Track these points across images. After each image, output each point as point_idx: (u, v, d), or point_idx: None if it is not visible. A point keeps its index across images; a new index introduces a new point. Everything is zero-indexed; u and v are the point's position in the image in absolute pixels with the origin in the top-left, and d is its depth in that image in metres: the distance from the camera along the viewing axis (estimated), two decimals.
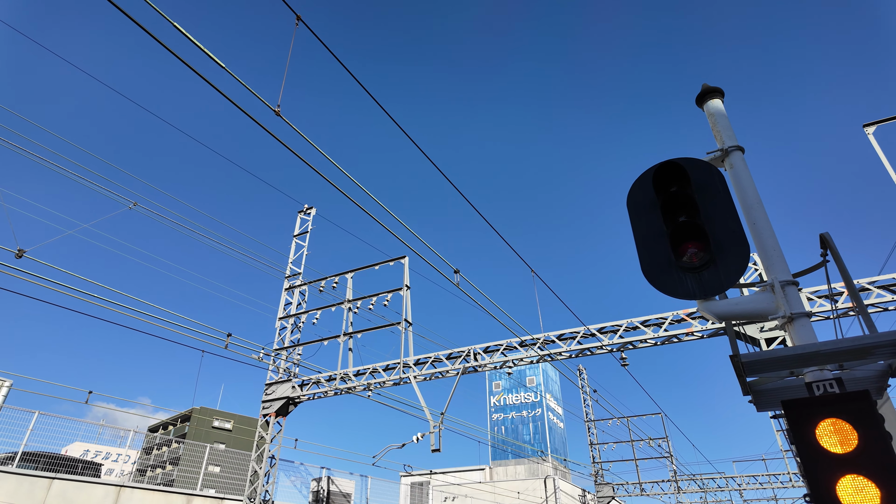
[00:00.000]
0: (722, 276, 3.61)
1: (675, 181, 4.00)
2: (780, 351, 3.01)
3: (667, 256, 3.79)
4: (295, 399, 17.48)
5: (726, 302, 3.62)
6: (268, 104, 4.21)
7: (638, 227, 4.04)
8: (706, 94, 4.50)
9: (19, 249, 7.18)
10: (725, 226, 3.72)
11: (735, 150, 4.12)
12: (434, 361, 16.02)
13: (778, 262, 3.58)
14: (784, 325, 3.41)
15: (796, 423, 2.14)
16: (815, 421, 2.14)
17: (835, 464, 2.00)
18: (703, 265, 3.69)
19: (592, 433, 36.11)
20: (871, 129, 12.97)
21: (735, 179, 4.03)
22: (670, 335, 13.36)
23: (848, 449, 2.00)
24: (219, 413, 64.30)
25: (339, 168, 4.82)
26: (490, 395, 65.66)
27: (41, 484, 13.36)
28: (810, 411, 2.18)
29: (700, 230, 3.70)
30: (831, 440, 2.05)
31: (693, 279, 3.69)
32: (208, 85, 4.37)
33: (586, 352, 14.23)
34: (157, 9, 3.49)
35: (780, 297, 3.43)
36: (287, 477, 20.28)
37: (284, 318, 18.83)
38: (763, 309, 3.48)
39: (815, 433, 2.09)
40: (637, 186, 4.18)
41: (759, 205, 3.86)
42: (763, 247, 3.69)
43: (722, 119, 4.33)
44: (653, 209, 4.01)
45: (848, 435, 2.03)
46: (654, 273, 3.82)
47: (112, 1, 3.38)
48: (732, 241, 3.65)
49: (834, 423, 2.09)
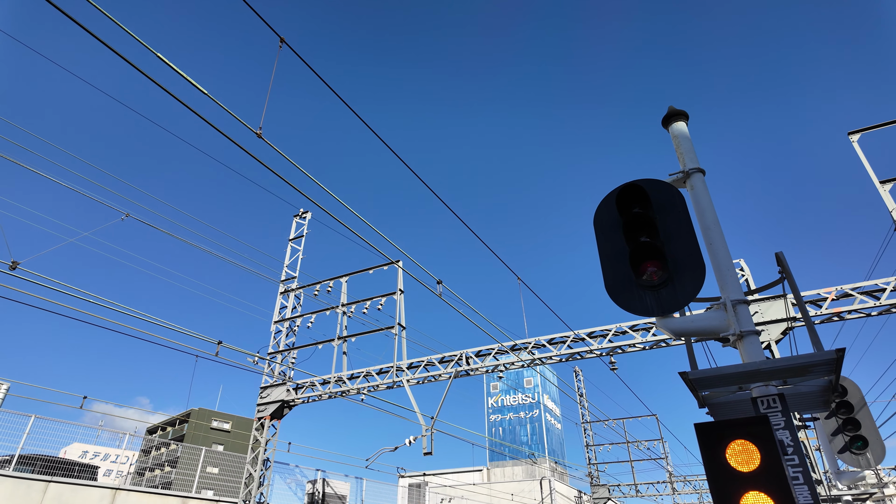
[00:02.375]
0: (679, 294, 3.79)
1: (637, 202, 4.19)
2: (725, 369, 3.20)
3: (627, 274, 3.98)
4: (290, 402, 17.65)
5: (682, 319, 3.80)
6: (249, 127, 4.37)
7: (603, 245, 4.23)
8: (671, 117, 4.69)
9: (13, 261, 7.33)
10: (683, 246, 3.91)
11: (696, 171, 4.31)
12: (427, 365, 16.20)
13: (731, 281, 3.76)
14: (735, 343, 3.59)
15: (707, 444, 2.32)
16: (726, 442, 2.32)
17: (740, 481, 2.18)
18: (661, 283, 3.87)
19: (588, 435, 36.29)
20: (855, 136, 13.17)
21: (695, 200, 4.21)
22: (658, 339, 13.54)
23: (752, 468, 2.18)
24: (217, 414, 64.42)
25: (321, 186, 5.00)
26: (488, 396, 65.85)
27: (37, 487, 13.52)
28: (721, 433, 2.36)
29: (658, 250, 3.88)
30: (738, 459, 2.22)
31: (652, 297, 3.87)
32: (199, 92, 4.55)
33: (576, 356, 14.41)
34: (140, 41, 3.65)
35: (731, 315, 3.61)
36: (282, 479, 20.44)
37: (280, 321, 19.00)
38: (716, 326, 3.66)
39: (725, 453, 2.27)
40: (602, 207, 4.36)
41: (716, 225, 4.04)
42: (718, 266, 3.88)
43: (685, 141, 4.51)
44: (616, 229, 4.19)
45: (753, 455, 2.20)
46: (616, 290, 4.00)
47: (96, 36, 3.55)
48: (689, 261, 3.83)
49: (742, 444, 2.26)
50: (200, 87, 4.11)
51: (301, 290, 19.38)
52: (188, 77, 4.07)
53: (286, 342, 18.63)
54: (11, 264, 7.35)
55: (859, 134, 13.11)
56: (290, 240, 21.00)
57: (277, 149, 4.42)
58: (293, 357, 18.32)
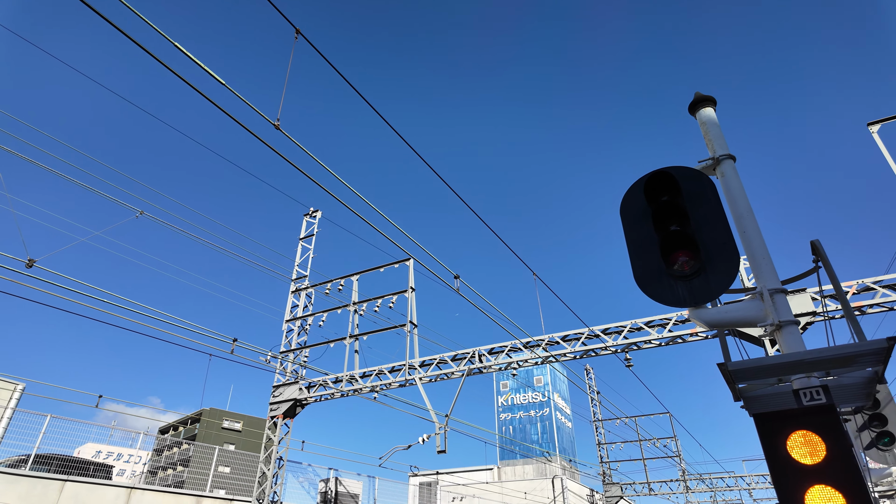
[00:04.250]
0: (712, 284, 3.67)
1: (666, 190, 4.06)
2: (766, 359, 3.07)
3: (658, 265, 3.86)
4: (302, 401, 17.64)
5: (716, 310, 3.68)
6: (267, 118, 4.31)
7: (630, 235, 4.11)
8: (698, 103, 4.55)
9: (29, 259, 7.33)
10: (715, 235, 3.78)
11: (726, 158, 4.18)
12: (439, 363, 16.11)
13: (767, 270, 3.63)
14: (772, 333, 3.47)
15: (768, 435, 2.20)
16: (787, 433, 2.20)
17: (804, 474, 2.06)
18: (693, 273, 3.75)
19: (600, 433, 36.07)
20: (875, 127, 12.91)
21: (726, 188, 4.08)
22: (674, 336, 13.37)
23: (817, 460, 2.07)
24: (228, 414, 64.79)
25: (339, 178, 4.91)
26: (498, 395, 65.68)
27: (54, 486, 13.59)
28: (781, 424, 2.24)
29: (690, 239, 3.76)
30: (801, 451, 2.11)
31: (684, 287, 3.75)
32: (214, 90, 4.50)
33: (590, 353, 14.27)
34: (158, 30, 3.59)
35: (769, 304, 3.49)
36: (295, 478, 20.46)
37: (291, 320, 19.00)
38: (752, 317, 3.54)
39: (786, 445, 2.15)
40: (629, 195, 4.24)
41: (749, 213, 3.91)
42: (753, 255, 3.75)
43: (714, 128, 4.38)
44: (644, 218, 4.07)
45: (816, 446, 2.09)
46: (645, 281, 3.89)
47: (116, 26, 3.49)
48: (722, 250, 3.71)
49: (804, 434, 2.15)
50: (219, 78, 4.05)
51: (312, 289, 19.37)
52: (207, 68, 4.00)
53: (298, 341, 18.62)
54: (28, 262, 7.36)
55: (879, 124, 12.85)
56: (301, 239, 20.99)
57: (295, 140, 4.34)
58: (305, 356, 18.31)
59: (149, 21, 3.63)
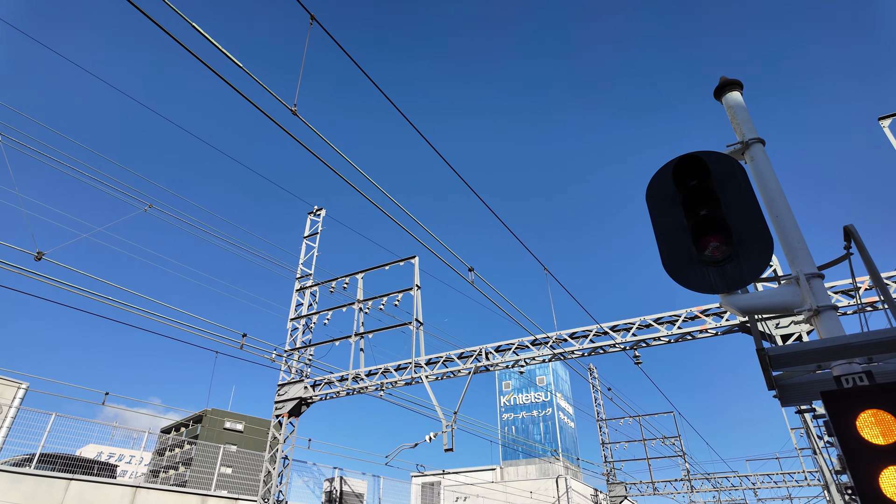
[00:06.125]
0: (745, 269, 3.57)
1: (694, 175, 3.96)
2: (809, 344, 2.96)
3: (688, 251, 3.76)
4: (307, 399, 17.54)
5: (750, 296, 3.57)
6: (285, 103, 4.23)
7: (658, 221, 4.01)
8: (724, 87, 4.45)
9: (38, 252, 7.25)
10: (747, 219, 3.68)
11: (756, 142, 4.07)
12: (445, 361, 16.01)
13: (802, 255, 3.53)
14: (810, 319, 3.36)
15: (837, 414, 2.10)
16: (856, 412, 2.10)
17: (877, 455, 1.97)
18: (725, 259, 3.65)
19: (604, 432, 35.94)
20: (886, 122, 12.81)
21: (756, 172, 3.98)
22: (684, 333, 13.26)
23: (891, 440, 1.97)
24: (230, 415, 64.70)
25: (354, 166, 4.84)
26: (500, 394, 65.55)
27: (59, 485, 13.50)
28: (850, 402, 2.14)
29: (722, 223, 3.66)
30: (872, 431, 2.01)
31: (715, 273, 3.65)
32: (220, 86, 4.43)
33: (599, 350, 14.16)
34: (177, 10, 3.51)
35: (806, 289, 3.38)
36: (300, 477, 20.36)
37: (296, 318, 18.90)
38: (789, 302, 3.43)
39: (855, 425, 2.06)
40: (656, 181, 4.14)
41: (781, 197, 3.81)
42: (787, 240, 3.64)
43: (741, 111, 4.28)
44: (673, 203, 3.97)
45: (890, 426, 1.99)
46: (675, 268, 3.79)
47: (134, 3, 3.40)
48: (755, 235, 3.61)
49: (875, 413, 2.05)
50: (236, 60, 3.95)
51: (317, 287, 19.28)
52: (227, 52, 3.90)
53: (303, 339, 18.53)
54: (37, 255, 7.27)
55: (890, 119, 12.75)
56: (305, 237, 20.91)
57: (312, 126, 4.26)
58: (310, 354, 18.22)
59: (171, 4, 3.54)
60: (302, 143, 4.28)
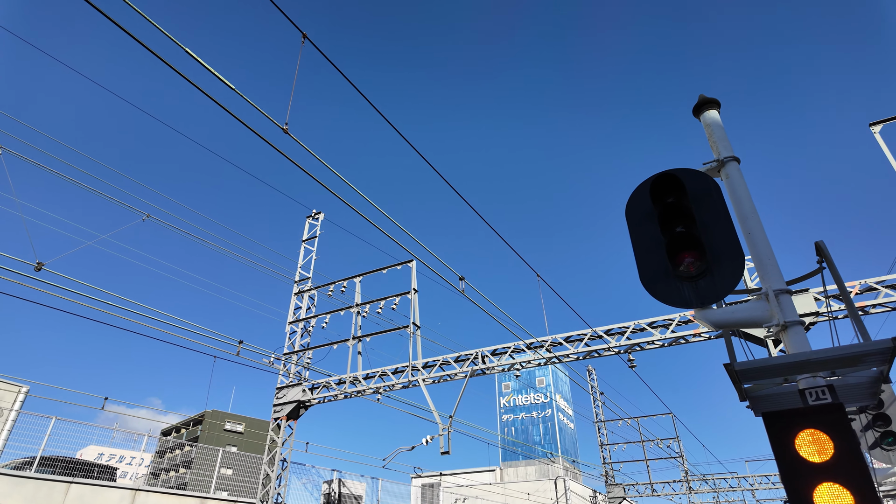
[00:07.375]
0: (718, 285, 3.70)
1: (671, 192, 4.10)
2: (773, 359, 3.10)
3: (664, 266, 3.89)
4: (305, 402, 17.68)
5: (722, 310, 3.71)
6: (276, 122, 4.37)
7: (636, 236, 4.14)
8: (702, 105, 4.59)
9: (38, 262, 7.40)
10: (721, 236, 3.82)
11: (731, 160, 4.21)
12: (442, 364, 16.14)
13: (772, 271, 3.67)
14: (778, 333, 3.50)
15: (776, 433, 2.24)
16: (795, 431, 2.23)
17: (812, 472, 2.09)
18: (699, 274, 3.78)
19: (603, 434, 36.05)
20: (877, 127, 12.94)
21: (731, 190, 4.12)
22: (678, 336, 13.39)
23: (825, 458, 2.10)
24: (230, 416, 64.81)
25: (344, 180, 4.98)
26: (500, 396, 65.65)
27: (59, 488, 13.64)
28: (790, 422, 2.27)
29: (696, 240, 3.79)
30: (809, 450, 2.14)
31: (690, 288, 3.79)
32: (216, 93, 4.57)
33: (594, 354, 14.29)
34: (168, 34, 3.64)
35: (774, 305, 3.52)
36: (298, 479, 20.48)
37: (294, 322, 19.04)
38: (758, 317, 3.57)
39: (794, 443, 2.19)
40: (635, 197, 4.28)
41: (754, 214, 3.94)
42: (758, 256, 3.78)
43: (718, 130, 4.42)
44: (650, 219, 4.10)
45: (824, 445, 2.12)
46: (651, 282, 3.92)
47: (125, 29, 3.54)
48: (728, 251, 3.74)
49: (812, 433, 2.18)
50: (228, 82, 4.10)
51: (315, 291, 19.42)
52: (217, 73, 4.04)
53: (301, 343, 18.66)
54: (36, 265, 7.42)
55: (881, 125, 12.88)
56: (304, 241, 21.05)
57: (303, 144, 4.40)
58: (308, 357, 18.35)
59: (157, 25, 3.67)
60: (292, 160, 4.44)
